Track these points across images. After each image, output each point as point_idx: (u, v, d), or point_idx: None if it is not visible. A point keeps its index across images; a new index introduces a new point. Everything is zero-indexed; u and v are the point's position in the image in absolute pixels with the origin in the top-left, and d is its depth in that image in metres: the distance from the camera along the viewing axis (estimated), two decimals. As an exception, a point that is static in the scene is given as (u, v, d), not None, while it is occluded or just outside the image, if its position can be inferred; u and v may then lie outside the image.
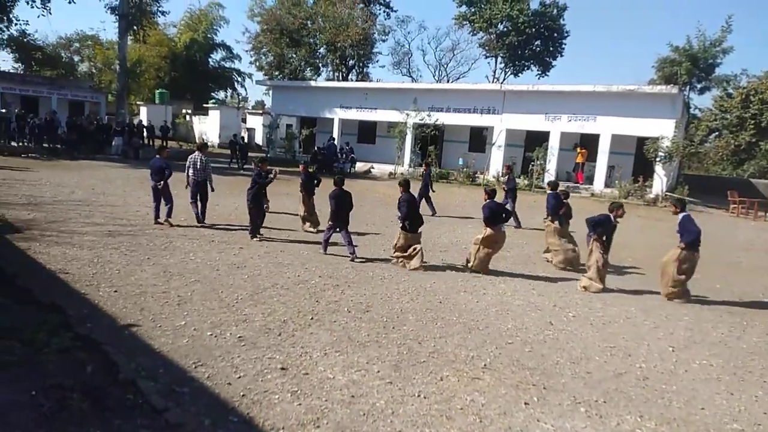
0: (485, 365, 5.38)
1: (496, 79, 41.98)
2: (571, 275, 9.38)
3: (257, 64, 46.42)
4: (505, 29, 39.37)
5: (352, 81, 41.94)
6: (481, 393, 4.78)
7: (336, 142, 28.21)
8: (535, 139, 24.96)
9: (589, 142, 24.42)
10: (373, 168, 27.39)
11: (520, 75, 42.78)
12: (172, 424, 3.84)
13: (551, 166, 24.19)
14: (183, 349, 5.19)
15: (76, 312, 5.76)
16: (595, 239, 8.44)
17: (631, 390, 5.09)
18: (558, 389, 4.98)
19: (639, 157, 23.87)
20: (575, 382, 5.17)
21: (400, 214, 9.41)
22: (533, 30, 38.36)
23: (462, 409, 4.49)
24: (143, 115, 36.88)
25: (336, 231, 9.74)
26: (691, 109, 33.57)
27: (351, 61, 44.74)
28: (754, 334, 7.01)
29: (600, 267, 8.37)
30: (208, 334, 5.63)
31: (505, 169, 15.42)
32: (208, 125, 39.62)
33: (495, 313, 7.05)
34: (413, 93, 27.79)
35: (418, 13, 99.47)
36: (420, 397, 4.63)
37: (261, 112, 43.19)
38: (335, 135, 29.52)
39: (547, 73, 42.00)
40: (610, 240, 8.63)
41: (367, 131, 31.73)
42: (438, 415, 4.35)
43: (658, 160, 22.05)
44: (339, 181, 9.79)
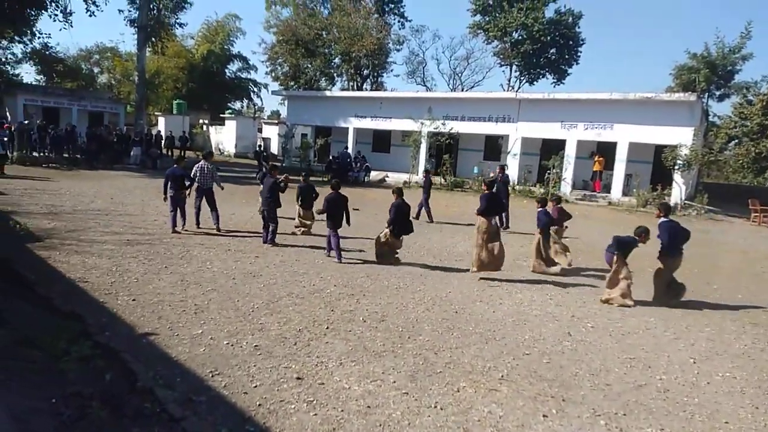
0: (502, 376, 5.33)
1: (511, 88, 41.93)
2: (587, 282, 9.26)
3: (273, 74, 46.94)
4: (519, 38, 39.36)
5: (367, 90, 42.18)
6: (499, 405, 4.73)
7: (350, 151, 28.33)
8: (551, 148, 24.78)
9: (606, 150, 24.22)
10: (387, 177, 27.39)
11: (535, 83, 42.75)
12: (190, 433, 3.86)
13: (568, 175, 24.01)
14: (200, 358, 5.21)
15: (95, 320, 5.83)
16: (619, 256, 8.30)
17: (652, 402, 4.99)
18: (577, 401, 4.91)
19: (657, 165, 23.56)
20: (594, 394, 5.09)
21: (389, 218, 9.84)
22: (548, 38, 38.28)
23: (479, 420, 4.44)
24: (161, 126, 37.44)
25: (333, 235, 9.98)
26: (710, 117, 33.19)
27: (365, 71, 45.04)
28: (779, 346, 6.85)
29: (630, 284, 8.26)
30: (225, 343, 5.65)
31: (499, 169, 15.65)
32: (225, 135, 40.05)
33: (512, 324, 6.99)
34: (428, 102, 27.82)
35: (432, 23, 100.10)
36: (437, 408, 4.59)
37: (277, 121, 43.51)
38: (350, 144, 29.64)
39: (562, 81, 41.87)
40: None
41: (381, 140, 31.82)
42: (455, 427, 4.31)
43: (677, 168, 21.76)
44: (335, 185, 10.19)
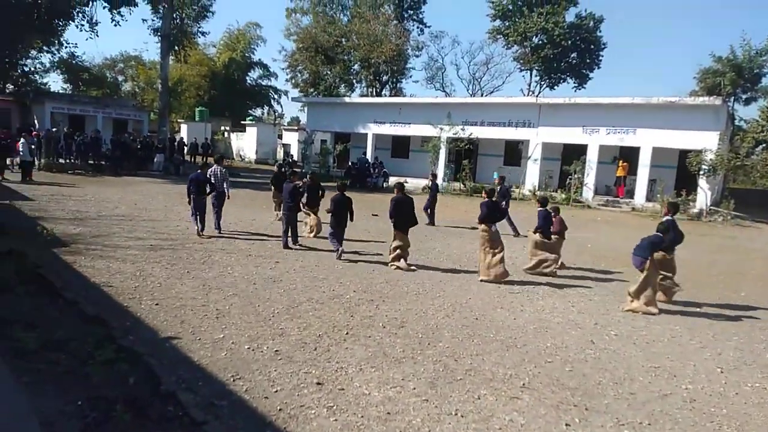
0: (524, 384, 5.26)
1: (531, 92, 41.65)
2: (611, 289, 9.11)
3: (293, 81, 47.47)
4: (540, 42, 39.12)
5: (386, 96, 42.31)
6: (520, 413, 4.67)
7: (368, 157, 28.40)
8: (573, 153, 24.54)
9: (628, 155, 23.88)
10: (406, 182, 27.32)
11: (555, 88, 42.44)
12: (211, 437, 3.88)
13: (589, 180, 23.70)
14: (221, 362, 5.26)
15: (119, 324, 5.92)
16: (652, 261, 8.06)
17: (678, 412, 4.88)
18: (600, 410, 4.82)
19: (681, 170, 23.15)
20: (618, 403, 5.00)
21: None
22: (569, 42, 37.98)
23: (500, 429, 4.39)
24: (184, 133, 38.06)
25: (336, 236, 10.35)
26: (736, 121, 32.55)
27: (384, 77, 45.22)
28: (811, 356, 6.65)
29: (655, 291, 8.09)
30: (246, 347, 5.69)
31: (498, 179, 15.76)
32: (246, 141, 40.53)
33: (533, 331, 6.91)
34: (447, 107, 27.75)
35: (451, 28, 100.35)
36: (457, 415, 4.55)
37: (296, 128, 43.93)
38: (369, 150, 29.73)
39: (583, 85, 41.49)
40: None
41: (400, 146, 31.85)
42: (476, 435, 4.27)
43: (702, 173, 21.33)
44: (341, 187, 10.62)
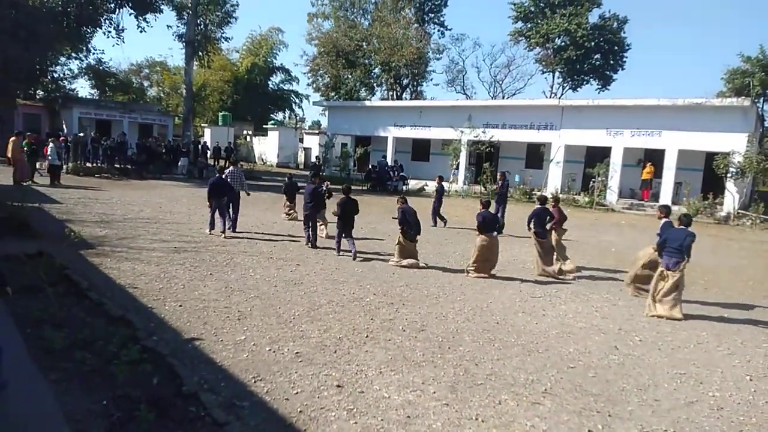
0: (546, 390, 5.20)
1: (553, 94, 41.27)
2: (635, 294, 8.96)
3: (314, 85, 47.85)
4: (562, 44, 38.79)
5: (406, 100, 42.32)
6: (542, 419, 4.62)
7: (388, 160, 28.43)
8: (596, 155, 24.20)
9: (653, 157, 23.46)
10: (426, 185, 27.33)
11: (578, 89, 42.05)
12: (233, 438, 3.92)
13: (614, 183, 23.33)
14: (243, 364, 5.31)
15: (143, 325, 6.02)
16: (685, 264, 7.88)
17: (704, 420, 4.78)
18: (624, 417, 4.74)
19: (708, 172, 22.66)
20: (642, 410, 4.91)
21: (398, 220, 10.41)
22: (592, 44, 37.58)
23: (521, 434, 4.35)
24: (207, 137, 38.61)
25: (343, 237, 10.64)
26: (765, 122, 31.75)
27: (405, 80, 45.28)
28: None
29: (681, 295, 7.92)
30: (267, 349, 5.74)
31: (500, 175, 15.77)
32: (268, 145, 40.90)
33: (555, 336, 6.82)
34: (467, 110, 27.67)
35: (472, 31, 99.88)
36: (477, 420, 4.52)
37: (317, 132, 44.21)
38: (389, 153, 29.79)
39: (607, 87, 41.05)
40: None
41: (421, 149, 31.83)
42: (496, 440, 4.23)
43: (730, 176, 20.85)
44: (347, 190, 10.98)
